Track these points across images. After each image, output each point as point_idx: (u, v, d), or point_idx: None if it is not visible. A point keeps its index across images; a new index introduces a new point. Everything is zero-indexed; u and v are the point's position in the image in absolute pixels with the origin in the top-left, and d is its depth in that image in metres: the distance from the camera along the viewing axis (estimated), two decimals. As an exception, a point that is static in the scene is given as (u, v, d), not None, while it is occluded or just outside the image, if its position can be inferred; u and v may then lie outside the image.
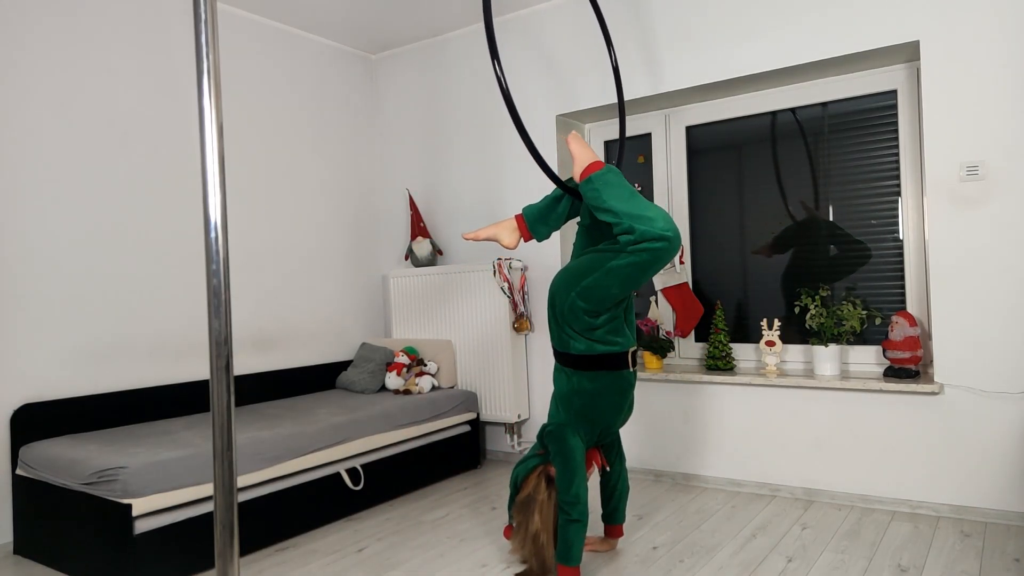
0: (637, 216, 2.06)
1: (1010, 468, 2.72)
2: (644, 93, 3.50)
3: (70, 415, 2.95)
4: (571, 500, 2.22)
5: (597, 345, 2.26)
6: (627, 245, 2.08)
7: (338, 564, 2.58)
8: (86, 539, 2.47)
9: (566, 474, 2.26)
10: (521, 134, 2.28)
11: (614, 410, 2.34)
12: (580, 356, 2.29)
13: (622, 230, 2.08)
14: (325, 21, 3.96)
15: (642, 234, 2.04)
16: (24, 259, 2.89)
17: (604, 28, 2.93)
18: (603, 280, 2.17)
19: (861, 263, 3.24)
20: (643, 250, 2.06)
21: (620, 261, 2.12)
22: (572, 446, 2.28)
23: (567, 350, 2.32)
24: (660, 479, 3.51)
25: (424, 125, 4.32)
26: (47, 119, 2.98)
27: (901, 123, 3.12)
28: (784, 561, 2.45)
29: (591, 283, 2.20)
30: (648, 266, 2.09)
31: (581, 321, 2.25)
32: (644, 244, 2.05)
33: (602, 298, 2.20)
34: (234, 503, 1.03)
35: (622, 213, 2.08)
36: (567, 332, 2.30)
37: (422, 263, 4.13)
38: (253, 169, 3.80)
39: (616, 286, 2.16)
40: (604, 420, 2.34)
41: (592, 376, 2.29)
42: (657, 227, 2.03)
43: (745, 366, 3.48)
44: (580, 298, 2.23)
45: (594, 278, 2.20)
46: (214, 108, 1.01)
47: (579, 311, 2.24)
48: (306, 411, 3.27)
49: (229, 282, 1.01)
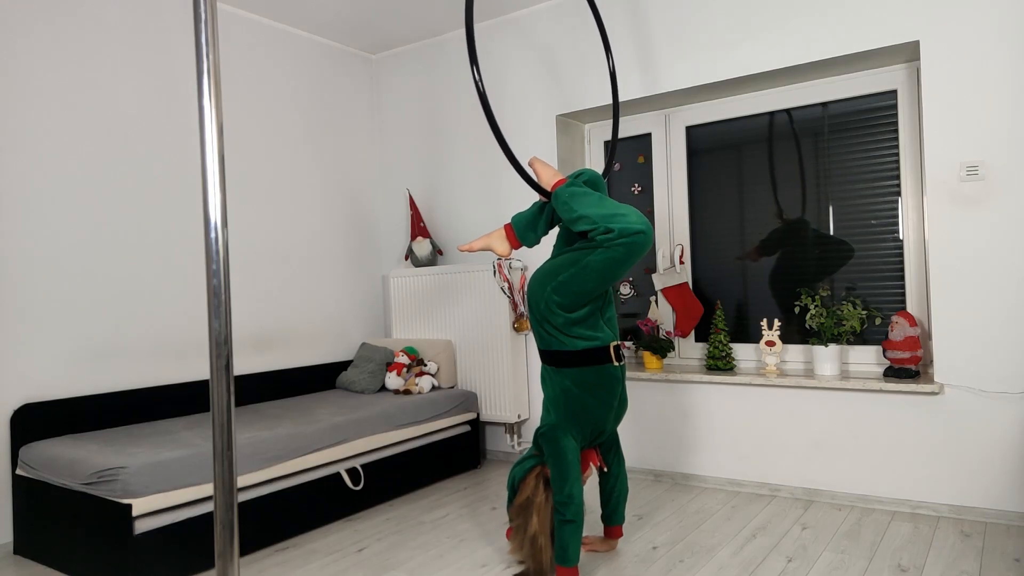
0: (611, 216, 2.18)
1: (1010, 468, 2.72)
2: (644, 93, 3.50)
3: (70, 415, 2.95)
4: (564, 500, 2.23)
5: (578, 341, 2.31)
6: (604, 242, 2.17)
7: (338, 564, 2.58)
8: (86, 539, 2.47)
9: (559, 475, 2.27)
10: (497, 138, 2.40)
11: (603, 407, 2.35)
12: (562, 353, 2.33)
13: (600, 232, 2.18)
14: (325, 21, 3.96)
15: (621, 231, 2.14)
16: (24, 259, 2.89)
17: (603, 32, 2.94)
18: (580, 275, 2.24)
19: (844, 262, 3.24)
20: (620, 244, 2.15)
21: (596, 256, 2.20)
22: (564, 447, 2.29)
23: (549, 348, 2.36)
24: (660, 479, 3.51)
25: (424, 125, 4.32)
26: (47, 119, 2.98)
27: (901, 123, 3.12)
28: (784, 561, 2.45)
29: (567, 278, 2.27)
30: (624, 259, 2.18)
31: (558, 316, 2.30)
32: (622, 239, 2.15)
33: (579, 292, 2.26)
34: (234, 503, 1.03)
35: (596, 217, 2.20)
36: (547, 330, 2.35)
37: (422, 263, 4.13)
38: (253, 169, 3.80)
39: (592, 281, 2.23)
40: (594, 418, 2.35)
41: (576, 373, 2.32)
42: (632, 221, 2.16)
43: (745, 366, 3.48)
44: (555, 293, 2.29)
45: (570, 273, 2.27)
46: (214, 108, 1.01)
47: (554, 306, 2.30)
48: (306, 411, 3.27)
49: (229, 282, 1.01)
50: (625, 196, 3.90)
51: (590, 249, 2.24)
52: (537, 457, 2.41)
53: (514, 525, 2.38)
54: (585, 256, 2.24)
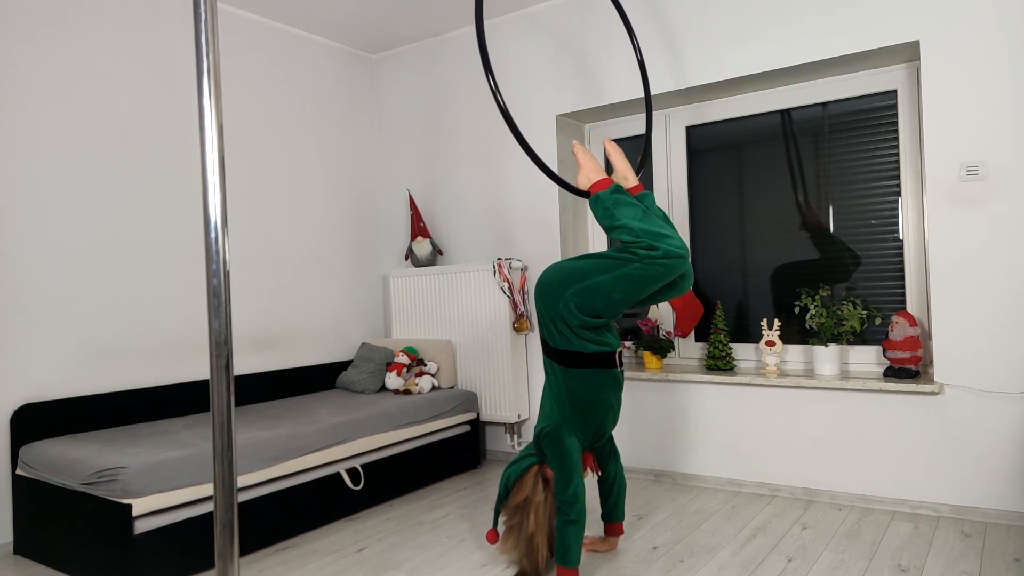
0: (656, 234, 2.16)
1: (1010, 468, 2.72)
2: (643, 93, 3.49)
3: (70, 415, 2.95)
4: (569, 500, 2.23)
5: (588, 344, 2.31)
6: (644, 258, 2.16)
7: (338, 564, 2.58)
8: (86, 539, 2.47)
9: (564, 474, 2.26)
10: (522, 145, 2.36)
11: (605, 407, 2.37)
12: (571, 353, 2.32)
13: (642, 246, 2.16)
14: (325, 21, 3.96)
15: (666, 251, 2.14)
16: (24, 259, 2.89)
17: (627, 23, 2.93)
18: (611, 284, 2.21)
19: (853, 265, 3.24)
20: (660, 264, 2.14)
21: (631, 269, 2.18)
22: (569, 446, 2.29)
23: (558, 346, 2.34)
24: (660, 479, 3.51)
25: (424, 125, 4.32)
26: (47, 119, 2.98)
27: (901, 123, 3.12)
28: (784, 561, 2.45)
29: (595, 284, 2.24)
30: (659, 279, 2.18)
31: (575, 317, 2.28)
32: (665, 260, 2.14)
33: (604, 301, 2.24)
34: (234, 503, 1.03)
35: (640, 231, 2.18)
36: (559, 328, 2.32)
37: (422, 263, 4.13)
38: (253, 169, 3.80)
39: (621, 292, 2.21)
40: (598, 419, 2.37)
41: (585, 374, 2.32)
42: (676, 245, 2.16)
43: (745, 366, 3.48)
44: (576, 296, 2.26)
45: (599, 280, 2.23)
46: (214, 108, 1.01)
47: (573, 307, 2.27)
48: (306, 411, 3.28)
49: (229, 282, 1.01)
50: (625, 196, 3.90)
51: (625, 261, 2.20)
52: (534, 457, 2.40)
53: (508, 524, 2.37)
54: (620, 267, 2.20)
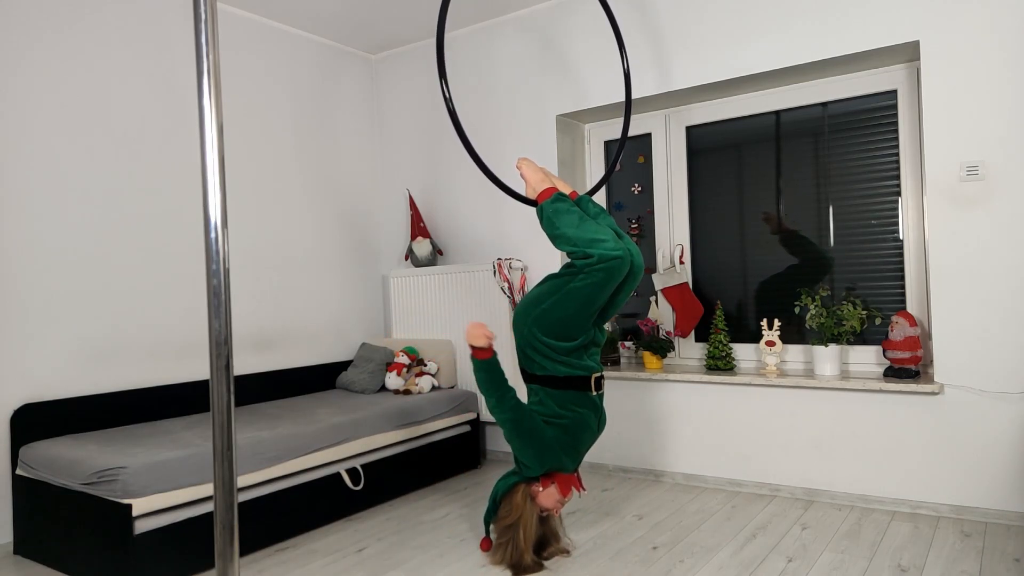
0: (589, 240, 2.24)
1: (1010, 468, 2.72)
2: (644, 93, 3.50)
3: (70, 415, 2.95)
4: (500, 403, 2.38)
5: (560, 367, 2.35)
6: (584, 267, 2.22)
7: (338, 564, 2.58)
8: (86, 539, 2.47)
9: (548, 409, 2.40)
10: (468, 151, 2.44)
11: (589, 427, 2.43)
12: (544, 377, 2.37)
13: (579, 255, 2.24)
14: (325, 21, 3.96)
15: (600, 256, 2.20)
16: (25, 259, 2.89)
17: (616, 30, 2.94)
18: (563, 302, 2.28)
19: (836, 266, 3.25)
20: (599, 270, 2.21)
21: (578, 283, 2.25)
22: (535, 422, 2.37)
23: (531, 371, 2.41)
24: (660, 479, 3.51)
25: (424, 125, 4.32)
26: (47, 119, 2.98)
27: (901, 123, 3.12)
28: (784, 561, 2.45)
29: (549, 306, 2.31)
30: (604, 284, 2.24)
31: (542, 343, 2.34)
32: (601, 264, 2.20)
33: (561, 319, 2.29)
34: (234, 503, 1.03)
35: (576, 239, 2.26)
36: (528, 355, 2.40)
37: (422, 263, 4.13)
38: (253, 169, 3.80)
39: (574, 307, 2.27)
40: (583, 437, 2.42)
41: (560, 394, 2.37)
42: (609, 248, 2.21)
43: (745, 366, 3.48)
44: (536, 323, 2.33)
45: (552, 301, 2.31)
46: (214, 108, 1.01)
47: (539, 333, 2.33)
48: (306, 411, 3.27)
49: (229, 282, 1.01)
50: (625, 196, 3.91)
51: (571, 276, 2.29)
52: (521, 475, 2.44)
53: (500, 541, 2.43)
54: (566, 284, 2.29)
